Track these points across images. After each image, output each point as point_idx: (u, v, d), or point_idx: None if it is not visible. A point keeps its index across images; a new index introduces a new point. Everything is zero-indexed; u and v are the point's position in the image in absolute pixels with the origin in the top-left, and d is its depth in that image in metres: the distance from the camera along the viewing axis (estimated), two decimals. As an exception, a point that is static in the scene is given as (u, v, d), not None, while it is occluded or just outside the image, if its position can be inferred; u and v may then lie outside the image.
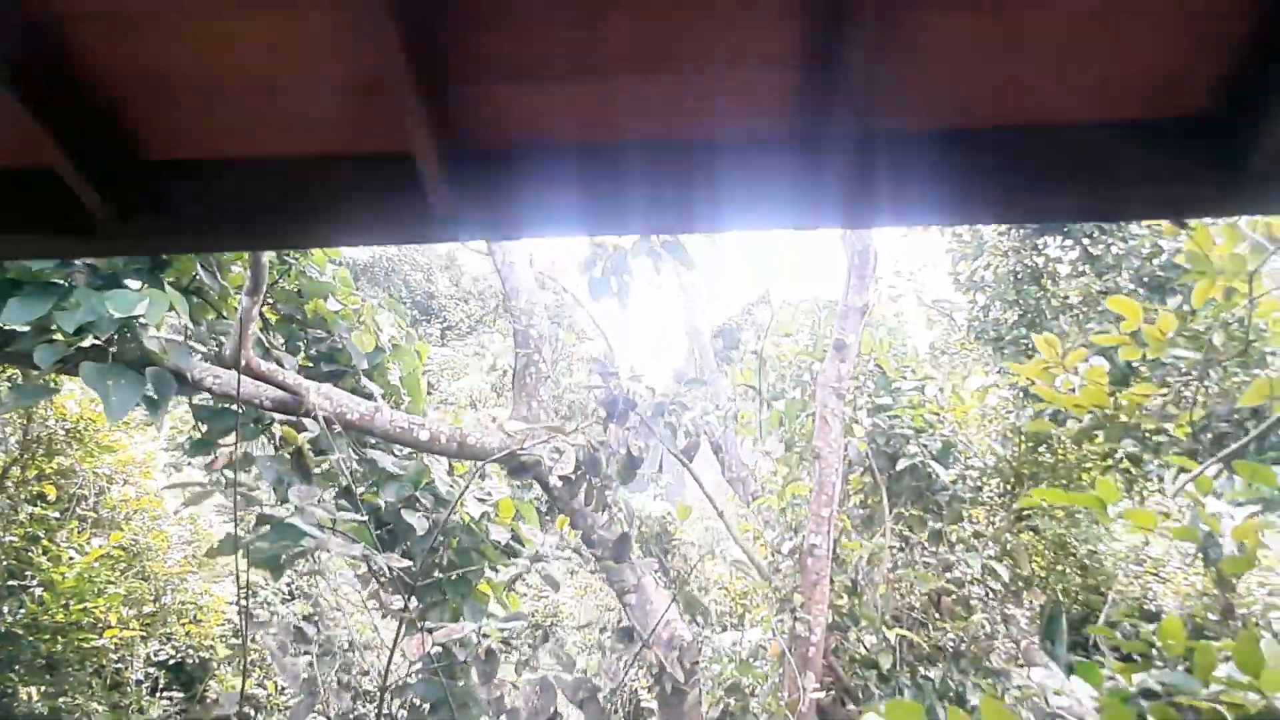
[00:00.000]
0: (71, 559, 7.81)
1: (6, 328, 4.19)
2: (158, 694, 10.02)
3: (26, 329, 4.07)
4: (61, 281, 4.01)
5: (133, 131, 1.95)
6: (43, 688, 7.38)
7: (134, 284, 4.10)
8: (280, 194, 1.99)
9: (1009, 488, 8.32)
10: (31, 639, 7.54)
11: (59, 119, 1.83)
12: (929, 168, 1.88)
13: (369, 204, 1.98)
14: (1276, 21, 1.66)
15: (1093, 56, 1.78)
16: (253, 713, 10.46)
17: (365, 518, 4.09)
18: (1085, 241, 8.78)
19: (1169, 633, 2.37)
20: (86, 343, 4.32)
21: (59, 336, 4.12)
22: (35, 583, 7.72)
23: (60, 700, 7.83)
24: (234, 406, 4.74)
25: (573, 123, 1.90)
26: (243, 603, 4.87)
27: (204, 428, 5.01)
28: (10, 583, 7.64)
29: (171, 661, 10.15)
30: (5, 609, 7.29)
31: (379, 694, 3.99)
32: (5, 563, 7.45)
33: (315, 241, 2.01)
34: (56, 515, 8.12)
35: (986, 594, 7.05)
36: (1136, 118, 1.87)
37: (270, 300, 5.54)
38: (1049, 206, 1.93)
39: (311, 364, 5.89)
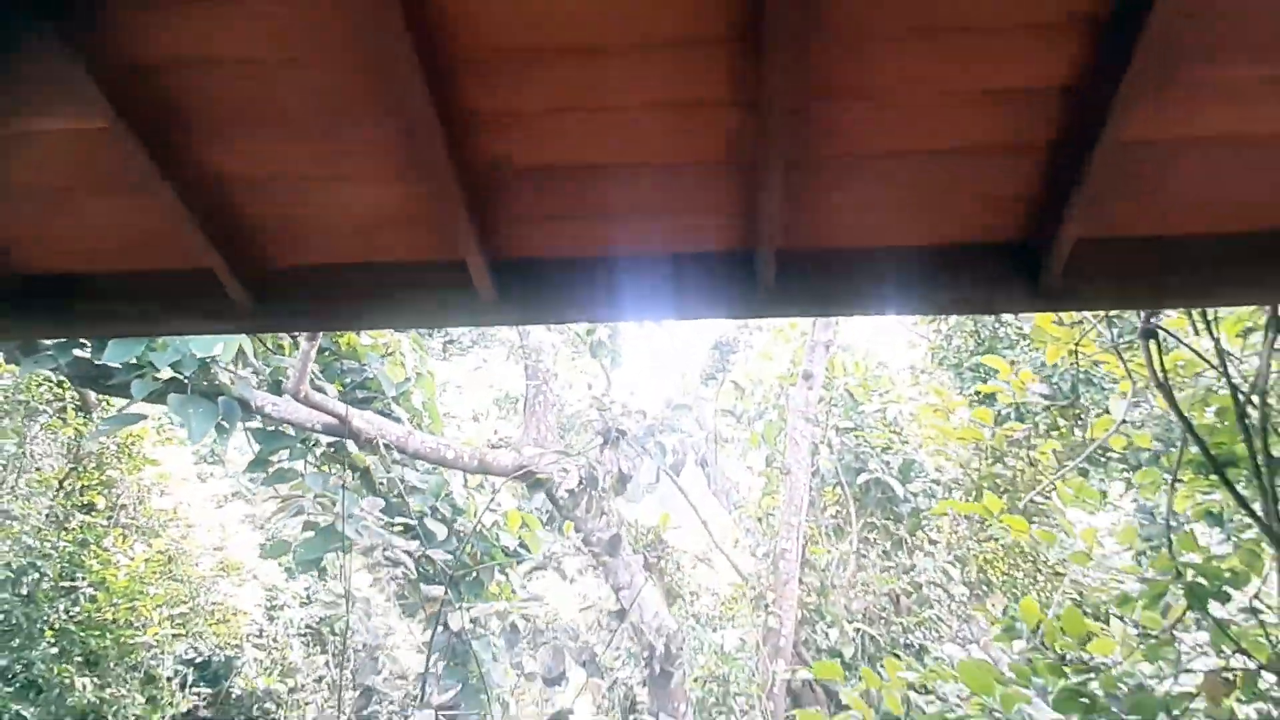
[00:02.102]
0: (118, 563, 8.61)
1: (101, 364, 5.00)
2: (186, 689, 10.76)
3: (119, 366, 4.88)
4: (151, 327, 4.81)
5: (268, 245, 2.76)
6: (94, 679, 8.15)
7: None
8: (369, 290, 2.79)
9: (972, 499, 9.12)
10: (82, 635, 8.31)
11: (222, 238, 2.64)
12: (826, 275, 2.69)
13: (434, 297, 2.79)
14: (1052, 187, 2.46)
15: (935, 200, 2.60)
16: (274, 707, 11.23)
17: (415, 522, 4.90)
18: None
19: (1026, 610, 3.16)
20: (165, 375, 5.13)
21: (146, 373, 4.93)
22: (85, 584, 8.49)
23: (106, 692, 8.60)
24: (284, 429, 5.54)
25: (582, 243, 2.70)
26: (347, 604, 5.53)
27: (257, 447, 5.82)
28: (63, 584, 8.43)
29: (199, 660, 10.91)
30: (61, 606, 8.07)
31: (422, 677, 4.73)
32: (60, 565, 8.23)
33: (394, 324, 2.83)
34: (103, 523, 8.92)
35: (947, 596, 7.84)
36: (970, 242, 2.68)
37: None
38: (907, 305, 2.75)
39: (345, 390, 6.70)
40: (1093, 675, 2.77)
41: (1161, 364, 2.87)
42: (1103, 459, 8.98)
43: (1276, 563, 2.60)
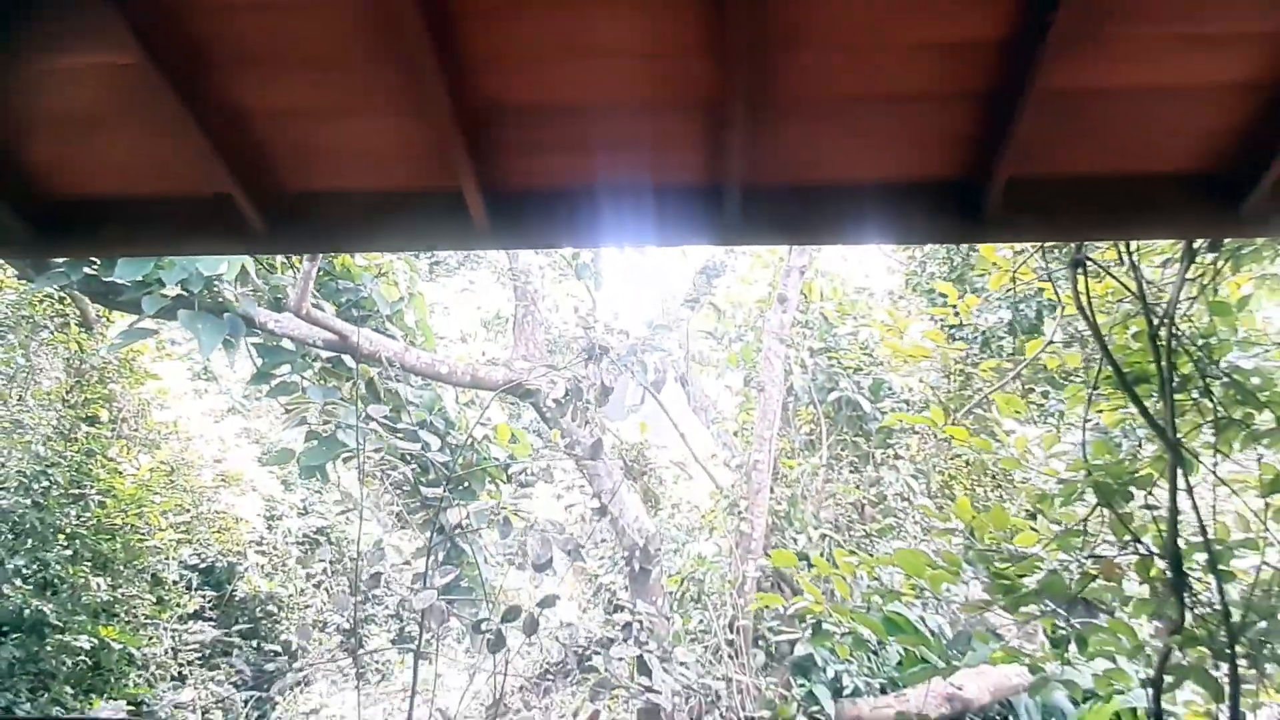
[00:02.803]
0: (124, 472, 9.00)
1: (109, 280, 5.25)
2: (192, 591, 11.30)
3: (129, 284, 5.14)
4: (157, 245, 5.06)
5: (281, 173, 3.02)
6: (107, 580, 8.62)
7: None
8: (373, 216, 3.07)
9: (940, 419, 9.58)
10: (93, 539, 8.75)
11: (239, 166, 2.90)
12: (788, 207, 2.98)
13: (432, 223, 3.06)
14: (989, 130, 2.74)
15: (885, 141, 2.88)
16: (276, 609, 11.82)
17: (415, 428, 5.27)
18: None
19: (961, 509, 3.57)
20: (173, 292, 5.39)
21: (154, 290, 5.19)
22: (93, 491, 8.89)
23: (118, 591, 9.09)
24: (285, 344, 5.84)
25: (568, 175, 2.97)
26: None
27: (260, 361, 6.12)
28: (72, 491, 8.82)
29: (203, 565, 11.44)
30: (72, 512, 8.47)
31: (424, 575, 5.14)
32: (69, 474, 8.61)
33: (395, 248, 3.11)
34: (107, 434, 9.27)
35: (911, 507, 8.35)
36: (917, 179, 2.97)
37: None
38: (860, 234, 3.05)
39: (341, 308, 6.98)
40: (1012, 563, 3.19)
41: (1087, 291, 3.20)
42: (1064, 381, 9.44)
43: (1169, 467, 2.98)
